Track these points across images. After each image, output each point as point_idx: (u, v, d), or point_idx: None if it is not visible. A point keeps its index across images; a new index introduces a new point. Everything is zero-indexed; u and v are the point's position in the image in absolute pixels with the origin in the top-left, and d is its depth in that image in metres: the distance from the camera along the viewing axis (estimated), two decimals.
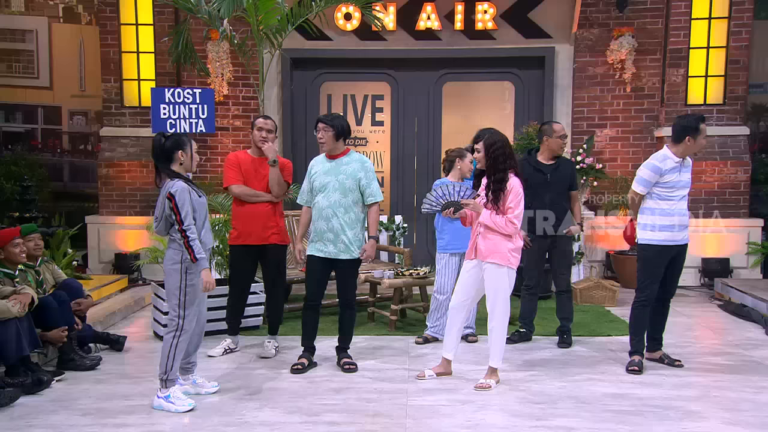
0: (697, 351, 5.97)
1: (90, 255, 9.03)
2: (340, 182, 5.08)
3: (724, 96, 8.86)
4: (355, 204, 5.13)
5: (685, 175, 5.27)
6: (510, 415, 4.38)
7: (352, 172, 5.11)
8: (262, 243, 5.60)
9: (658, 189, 5.24)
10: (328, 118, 5.20)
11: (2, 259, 5.21)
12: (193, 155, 4.62)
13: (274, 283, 5.81)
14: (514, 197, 4.74)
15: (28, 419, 4.34)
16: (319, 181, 5.13)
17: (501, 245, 4.83)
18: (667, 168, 5.19)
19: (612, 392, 4.83)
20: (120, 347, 5.87)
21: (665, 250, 5.26)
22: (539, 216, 5.90)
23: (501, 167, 4.77)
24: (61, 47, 9.92)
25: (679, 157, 5.20)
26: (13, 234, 5.30)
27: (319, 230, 5.12)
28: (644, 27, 8.94)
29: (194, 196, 4.48)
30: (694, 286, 8.74)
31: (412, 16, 9.19)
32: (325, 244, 5.12)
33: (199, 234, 4.46)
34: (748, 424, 4.28)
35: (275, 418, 4.34)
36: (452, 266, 5.94)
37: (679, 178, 5.22)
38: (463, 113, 9.51)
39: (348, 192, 5.09)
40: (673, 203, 5.22)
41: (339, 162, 5.16)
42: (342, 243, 5.09)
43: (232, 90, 9.20)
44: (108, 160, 9.13)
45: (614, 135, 9.15)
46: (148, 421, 4.31)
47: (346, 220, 5.09)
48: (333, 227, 5.07)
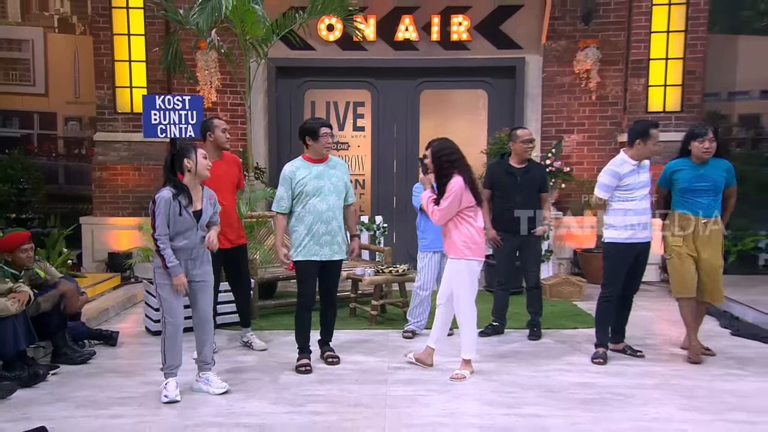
0: (658, 342, 6.02)
1: (84, 254, 8.96)
2: (334, 185, 5.00)
3: (681, 104, 8.92)
4: (341, 205, 5.10)
5: (644, 176, 5.30)
6: (483, 404, 4.40)
7: (341, 176, 5.08)
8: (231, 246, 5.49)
9: (619, 191, 5.29)
10: (329, 123, 5.10)
11: (9, 261, 5.18)
12: (199, 161, 4.50)
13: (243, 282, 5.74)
14: (448, 194, 4.83)
15: (24, 411, 4.31)
16: (312, 185, 4.93)
17: (454, 239, 4.93)
18: (625, 171, 5.25)
19: (578, 381, 4.87)
20: (113, 342, 5.82)
21: (629, 248, 5.29)
22: (509, 216, 5.94)
23: (445, 172, 4.90)
24: (56, 56, 9.85)
25: (635, 160, 5.25)
26: (23, 239, 5.26)
27: (316, 234, 4.95)
28: (608, 39, 9.01)
29: (174, 211, 4.38)
30: (655, 282, 8.79)
31: (391, 28, 9.21)
32: (321, 247, 4.97)
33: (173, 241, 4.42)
34: (703, 409, 4.34)
35: (261, 409, 4.33)
36: (434, 264, 5.95)
37: (638, 179, 5.26)
38: (440, 119, 9.53)
39: (340, 194, 5.05)
40: (635, 203, 5.26)
41: (327, 165, 5.05)
42: (337, 244, 5.03)
43: (220, 97, 9.16)
44: (101, 164, 9.06)
45: (581, 140, 9.21)
46: (140, 412, 4.29)
47: (341, 221, 5.07)
48: (332, 229, 4.98)
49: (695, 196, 5.19)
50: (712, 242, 5.23)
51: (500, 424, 4.06)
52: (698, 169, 5.18)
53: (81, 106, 9.92)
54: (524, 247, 5.99)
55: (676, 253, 5.25)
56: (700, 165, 5.17)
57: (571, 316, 6.83)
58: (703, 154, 5.13)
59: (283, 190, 5.00)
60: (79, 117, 9.97)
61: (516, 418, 4.17)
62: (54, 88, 9.88)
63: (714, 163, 5.18)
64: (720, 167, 5.20)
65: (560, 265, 8.95)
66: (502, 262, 6.16)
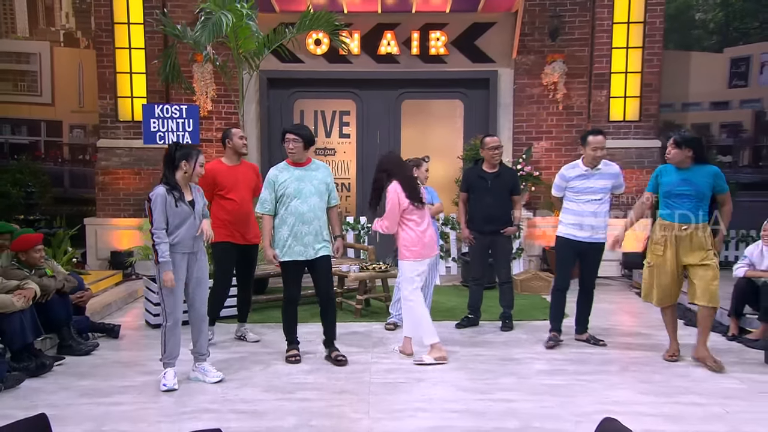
0: (618, 332, 6.07)
1: (88, 253, 8.89)
2: (316, 187, 4.92)
3: (639, 114, 9.00)
4: (324, 206, 5.03)
5: (597, 182, 5.34)
6: (459, 390, 4.43)
7: (323, 178, 4.99)
8: (246, 244, 5.50)
9: (568, 192, 5.45)
10: (295, 129, 5.01)
11: (23, 260, 5.18)
12: (196, 168, 4.50)
13: (250, 279, 5.77)
14: (387, 203, 5.04)
15: (32, 399, 4.29)
16: (293, 187, 4.87)
17: (398, 243, 5.14)
18: (572, 175, 5.39)
19: (546, 369, 4.91)
20: (115, 335, 5.80)
21: (570, 243, 5.41)
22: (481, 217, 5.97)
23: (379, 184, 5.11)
24: (61, 68, 9.79)
25: (587, 166, 5.31)
26: (36, 240, 5.24)
27: (299, 234, 4.86)
28: (573, 54, 9.06)
29: (170, 204, 4.38)
30: (616, 277, 8.87)
31: (374, 42, 9.21)
32: (305, 247, 4.89)
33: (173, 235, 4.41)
34: (659, 392, 4.40)
35: (253, 396, 4.33)
36: None
37: (586, 184, 5.33)
38: (419, 127, 9.54)
39: (323, 195, 4.96)
40: (579, 205, 5.36)
41: (308, 169, 5.00)
42: (320, 243, 4.94)
43: (215, 106, 9.12)
44: (104, 169, 9.00)
45: (549, 147, 9.26)
46: (140, 399, 4.28)
47: (323, 221, 4.99)
48: (314, 229, 4.90)
49: (677, 201, 4.82)
50: (695, 247, 4.82)
51: (474, 409, 4.08)
52: (681, 174, 4.82)
53: (85, 115, 9.85)
54: (496, 246, 6.03)
55: (653, 261, 4.97)
56: (683, 170, 4.81)
57: (540, 309, 6.83)
58: (667, 157, 4.91)
59: (267, 192, 4.97)
60: (84, 125, 9.90)
61: (489, 402, 4.20)
62: (60, 98, 9.81)
63: (698, 169, 4.78)
64: (705, 173, 4.78)
65: (530, 262, 9.00)
66: (475, 259, 6.20)
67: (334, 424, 3.86)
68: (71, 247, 7.94)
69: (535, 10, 9.01)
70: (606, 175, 5.34)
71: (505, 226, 5.95)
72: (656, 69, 8.93)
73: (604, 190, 5.34)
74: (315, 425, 3.84)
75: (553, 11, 8.97)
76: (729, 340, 5.74)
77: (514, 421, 3.90)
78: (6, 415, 3.96)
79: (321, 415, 3.99)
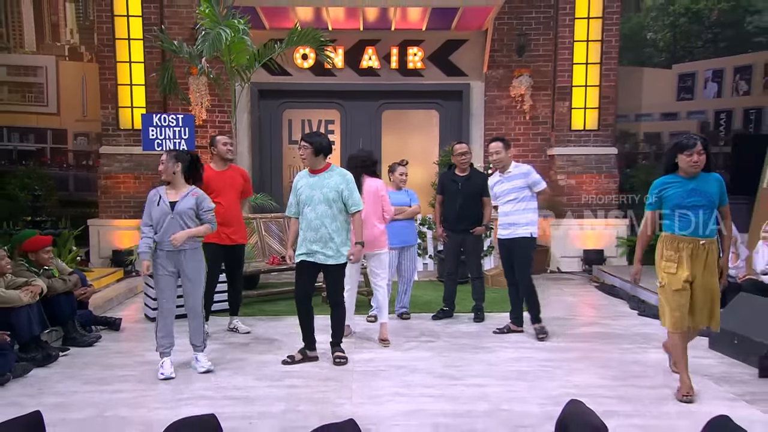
0: (579, 323, 6.12)
1: (91, 251, 8.79)
2: (324, 195, 4.57)
3: (598, 123, 9.07)
4: (340, 213, 4.64)
5: (511, 184, 5.35)
6: (434, 377, 4.43)
7: (334, 185, 4.60)
8: (232, 244, 5.42)
9: (495, 200, 5.56)
10: (307, 136, 4.71)
11: (33, 260, 5.15)
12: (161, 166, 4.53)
13: (238, 277, 5.68)
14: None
15: (38, 387, 4.24)
16: (305, 194, 4.64)
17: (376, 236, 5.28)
18: (493, 183, 5.50)
19: (514, 357, 4.93)
20: (116, 327, 5.74)
21: (501, 242, 5.49)
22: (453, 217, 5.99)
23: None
24: (66, 80, 9.68)
25: (500, 172, 5.40)
26: (46, 242, 5.21)
27: (309, 239, 4.62)
28: (538, 69, 9.13)
29: (153, 203, 4.42)
30: (578, 272, 8.93)
31: (357, 57, 9.21)
32: (315, 251, 4.62)
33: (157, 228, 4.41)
34: (615, 377, 4.44)
35: (245, 383, 4.30)
36: (392, 258, 5.88)
37: (501, 187, 5.41)
38: (398, 135, 9.55)
39: (332, 203, 4.59)
40: (501, 207, 5.43)
41: (321, 177, 4.64)
42: (330, 249, 4.61)
43: (209, 115, 9.06)
44: (106, 173, 8.90)
45: (517, 153, 9.25)
46: (140, 387, 4.24)
47: (333, 228, 4.61)
48: (322, 236, 4.59)
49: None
50: (709, 264, 4.02)
51: (449, 394, 4.09)
52: (688, 184, 3.99)
53: (88, 124, 9.74)
54: (467, 244, 6.04)
55: (668, 281, 4.03)
56: (689, 179, 3.98)
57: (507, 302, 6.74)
58: (690, 167, 3.93)
59: (292, 197, 4.81)
60: (87, 133, 9.79)
61: (462, 387, 4.21)
62: (65, 108, 9.71)
63: (704, 177, 4.00)
64: (713, 181, 4.01)
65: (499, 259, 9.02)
66: (449, 256, 6.22)
67: (320, 409, 3.84)
68: (75, 246, 7.92)
69: (504, 28, 9.06)
70: (517, 176, 5.34)
71: (474, 225, 5.96)
72: (613, 83, 9.01)
73: (516, 189, 5.32)
74: (302, 410, 3.82)
75: (520, 30, 9.04)
76: None
77: (485, 404, 3.91)
78: (15, 402, 3.92)
79: (307, 401, 3.97)
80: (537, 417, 3.69)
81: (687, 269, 3.97)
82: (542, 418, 3.67)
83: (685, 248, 3.98)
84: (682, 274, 3.97)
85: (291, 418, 3.67)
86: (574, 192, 9.00)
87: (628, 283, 7.43)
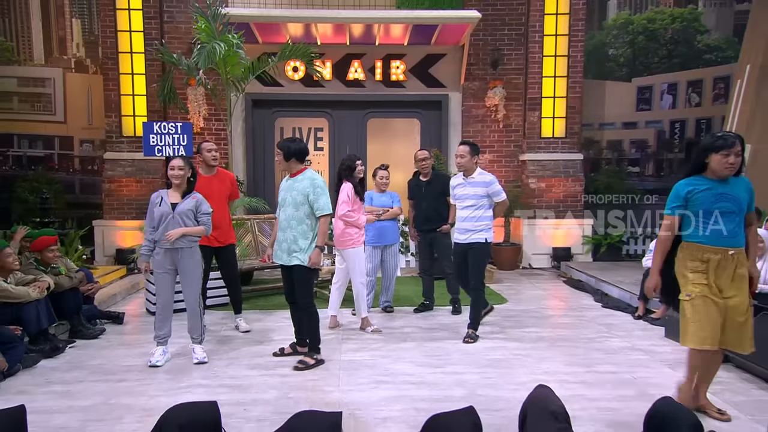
0: (548, 314, 6.17)
1: (96, 250, 8.71)
2: (293, 198, 4.39)
3: (565, 131, 9.11)
4: (307, 217, 4.38)
5: (470, 190, 5.05)
6: (416, 365, 4.45)
7: (302, 189, 4.37)
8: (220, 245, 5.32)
9: (453, 201, 5.31)
10: (280, 142, 4.55)
11: (39, 259, 5.14)
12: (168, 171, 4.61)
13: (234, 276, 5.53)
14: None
15: (47, 377, 4.22)
16: (280, 197, 4.53)
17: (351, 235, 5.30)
18: (455, 184, 5.25)
19: (489, 346, 4.96)
20: (120, 321, 5.70)
21: (456, 246, 5.23)
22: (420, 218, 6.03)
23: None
24: (73, 91, 9.58)
25: (465, 176, 5.15)
26: (50, 242, 5.18)
27: (278, 240, 4.51)
28: (511, 81, 9.18)
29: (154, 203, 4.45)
30: (547, 268, 8.99)
31: (344, 69, 9.20)
32: (282, 252, 4.47)
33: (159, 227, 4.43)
34: (580, 363, 4.49)
35: (239, 372, 4.30)
36: (375, 256, 5.91)
37: (462, 191, 5.13)
38: (383, 142, 9.56)
39: (299, 206, 4.37)
40: (459, 210, 5.16)
41: (294, 180, 4.45)
42: (294, 252, 4.40)
43: (206, 123, 9.01)
44: (110, 177, 8.81)
45: (492, 158, 9.36)
46: (141, 377, 4.22)
47: (299, 231, 4.38)
48: (287, 238, 4.41)
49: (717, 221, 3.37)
50: (739, 276, 3.36)
51: (429, 380, 4.12)
52: (718, 188, 3.37)
53: (93, 131, 9.65)
54: (436, 242, 6.00)
55: (698, 294, 3.35)
56: (719, 182, 3.37)
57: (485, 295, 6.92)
58: (725, 170, 3.32)
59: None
60: (92, 140, 9.68)
61: (441, 375, 4.24)
62: (71, 116, 9.61)
63: (735, 181, 3.37)
64: (742, 185, 3.40)
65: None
66: (422, 254, 6.26)
67: (309, 396, 3.85)
68: (81, 245, 7.88)
69: (479, 44, 9.11)
70: (480, 183, 5.04)
71: (440, 224, 5.92)
72: (578, 94, 9.08)
73: (477, 197, 5.03)
74: (293, 397, 3.82)
75: (494, 46, 9.10)
76: (636, 320, 5.86)
77: (462, 390, 3.94)
78: (23, 391, 3.90)
79: (298, 389, 3.98)
80: (508, 401, 3.73)
81: (714, 283, 3.35)
82: (513, 402, 3.69)
83: (711, 259, 3.36)
84: (710, 290, 3.34)
85: (282, 404, 3.68)
86: (544, 194, 9.07)
87: (592, 278, 7.53)
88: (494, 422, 3.39)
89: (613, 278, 7.30)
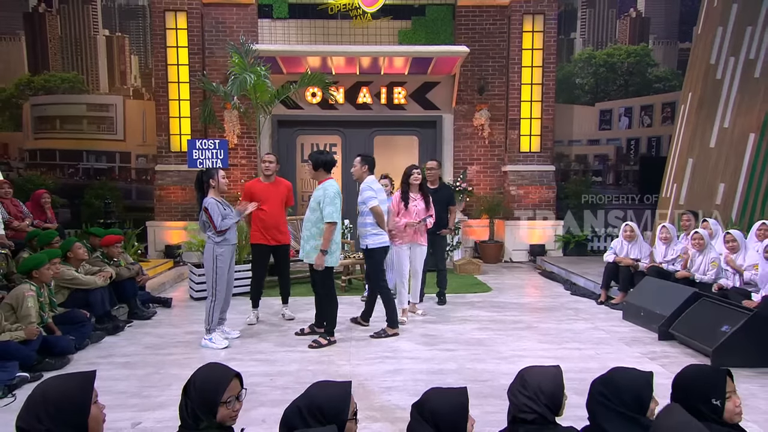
0: (526, 301, 6.15)
1: (149, 246, 8.74)
2: (311, 204, 4.37)
3: (540, 147, 9.08)
4: (319, 221, 4.28)
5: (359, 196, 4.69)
6: (415, 344, 4.47)
7: (317, 196, 4.28)
8: (277, 244, 5.05)
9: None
10: (310, 154, 4.43)
11: (105, 253, 5.23)
12: (220, 181, 4.34)
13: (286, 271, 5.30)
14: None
15: (110, 350, 4.27)
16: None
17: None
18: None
19: (476, 327, 4.97)
20: (168, 305, 5.75)
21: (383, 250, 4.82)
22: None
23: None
24: (131, 114, 9.65)
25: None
26: (118, 239, 5.27)
27: (301, 238, 4.47)
28: (494, 104, 9.17)
29: (220, 208, 4.30)
30: (525, 262, 8.97)
31: (354, 95, 9.21)
32: (302, 249, 4.44)
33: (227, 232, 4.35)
34: (553, 342, 4.50)
35: (267, 348, 4.34)
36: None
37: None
38: (387, 156, 9.48)
39: (313, 211, 4.31)
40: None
41: (318, 188, 4.34)
42: (305, 251, 4.39)
43: (240, 141, 9.04)
44: (160, 186, 8.85)
45: (479, 170, 9.35)
46: (186, 351, 4.26)
47: (312, 233, 4.32)
48: (305, 236, 4.40)
49: None
50: None
51: (425, 356, 4.14)
52: None
53: (147, 147, 9.69)
54: (434, 242, 5.88)
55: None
56: None
57: (472, 286, 6.90)
58: None
59: None
60: (146, 155, 9.72)
61: (436, 351, 4.25)
62: (129, 135, 9.67)
63: None
64: None
65: (466, 251, 9.08)
66: None
67: (325, 368, 3.87)
68: (137, 242, 7.90)
69: (468, 73, 9.11)
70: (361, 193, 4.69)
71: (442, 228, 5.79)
72: (551, 116, 9.06)
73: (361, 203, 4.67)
74: (311, 369, 3.85)
75: (480, 75, 9.10)
76: (598, 305, 5.85)
77: (454, 364, 3.96)
78: (92, 363, 3.95)
79: (316, 362, 4.00)
80: (492, 373, 3.75)
81: None
82: (496, 373, 3.73)
83: None
84: None
85: (302, 375, 3.70)
86: (523, 200, 9.06)
87: (563, 270, 7.52)
88: (482, 390, 3.41)
89: (580, 270, 7.30)
